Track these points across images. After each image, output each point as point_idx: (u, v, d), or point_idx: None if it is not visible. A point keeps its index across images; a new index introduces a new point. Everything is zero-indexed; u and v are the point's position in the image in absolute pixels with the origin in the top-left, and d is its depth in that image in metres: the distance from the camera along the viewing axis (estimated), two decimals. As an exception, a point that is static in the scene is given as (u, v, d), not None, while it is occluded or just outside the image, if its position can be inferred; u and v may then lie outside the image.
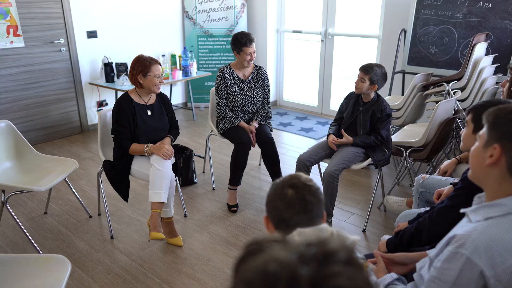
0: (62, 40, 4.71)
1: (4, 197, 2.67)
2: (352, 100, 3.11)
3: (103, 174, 2.95)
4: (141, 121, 2.83)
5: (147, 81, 2.79)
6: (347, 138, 2.99)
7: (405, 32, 4.45)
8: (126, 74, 4.77)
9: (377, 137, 2.96)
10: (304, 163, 3.00)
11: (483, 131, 1.23)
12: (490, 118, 1.22)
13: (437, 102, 3.44)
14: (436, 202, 2.19)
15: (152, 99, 2.94)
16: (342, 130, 3.07)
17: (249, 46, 3.29)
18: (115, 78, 4.91)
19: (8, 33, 4.29)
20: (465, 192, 1.76)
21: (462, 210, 1.31)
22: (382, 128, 2.96)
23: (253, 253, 0.60)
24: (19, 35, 4.38)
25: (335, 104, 5.72)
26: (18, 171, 2.91)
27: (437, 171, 2.72)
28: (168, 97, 3.08)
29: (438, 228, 1.77)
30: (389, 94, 4.57)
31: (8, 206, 2.67)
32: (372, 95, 3.01)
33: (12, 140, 2.97)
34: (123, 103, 2.81)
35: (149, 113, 2.89)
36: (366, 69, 2.91)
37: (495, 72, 3.84)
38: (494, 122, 1.20)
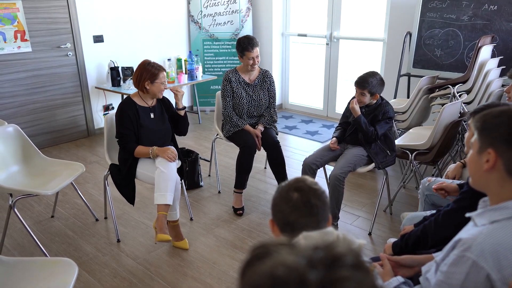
0: (68, 45, 4.75)
1: (12, 201, 2.69)
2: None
3: (110, 178, 2.97)
4: (144, 123, 2.85)
5: (154, 87, 2.82)
6: (356, 109, 2.96)
7: (410, 35, 4.45)
8: (132, 78, 4.80)
9: (374, 131, 2.95)
10: (310, 166, 3.00)
11: (474, 138, 1.24)
12: (478, 124, 1.23)
13: (442, 105, 3.43)
14: (434, 189, 2.19)
15: (153, 102, 2.97)
16: (353, 101, 3.01)
17: (251, 50, 3.28)
18: (121, 82, 4.94)
19: (16, 38, 4.34)
20: (471, 195, 1.76)
21: (467, 215, 1.31)
22: (379, 124, 2.95)
23: (260, 257, 0.60)
24: (26, 40, 4.42)
25: (340, 107, 5.72)
26: (25, 175, 2.93)
27: (444, 176, 2.72)
28: (168, 99, 3.10)
29: (444, 231, 1.77)
30: (395, 97, 4.56)
31: (15, 209, 2.70)
32: (367, 103, 3.01)
33: (20, 144, 3.00)
34: (126, 106, 2.83)
35: (152, 116, 2.91)
36: (362, 84, 2.92)
37: (501, 75, 3.82)
38: (483, 128, 1.21)
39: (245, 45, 3.27)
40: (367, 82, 2.90)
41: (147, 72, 2.79)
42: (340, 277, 0.54)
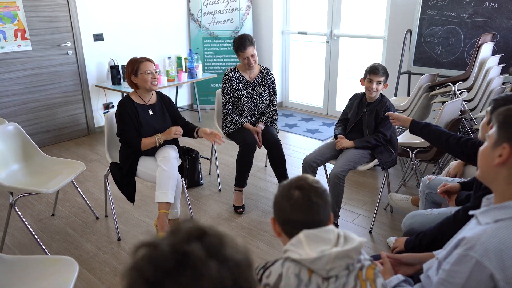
0: (69, 43, 4.75)
1: (12, 199, 2.69)
2: (357, 101, 3.11)
3: (110, 176, 2.97)
4: (144, 121, 2.85)
5: (139, 79, 2.81)
6: (347, 142, 2.99)
7: (411, 32, 4.44)
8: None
9: (379, 136, 2.95)
10: (310, 165, 2.99)
11: (493, 131, 1.23)
12: (500, 118, 1.22)
13: (443, 102, 3.43)
14: (439, 193, 2.21)
15: (153, 100, 2.95)
16: (341, 135, 3.06)
17: (243, 50, 3.27)
18: (121, 80, 4.93)
19: (16, 36, 4.33)
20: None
21: (470, 212, 1.31)
22: (384, 126, 2.95)
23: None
24: (26, 39, 4.42)
25: (340, 105, 5.71)
26: (26, 173, 2.93)
27: (443, 172, 2.72)
28: (169, 97, 3.10)
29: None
30: (395, 95, 4.56)
31: (16, 208, 2.70)
32: (378, 94, 3.00)
33: (20, 143, 2.99)
34: (125, 104, 2.83)
35: (150, 113, 2.90)
36: (381, 70, 2.89)
37: (502, 72, 3.82)
38: (504, 122, 1.20)
39: (237, 45, 3.28)
40: (384, 68, 2.90)
41: (129, 68, 2.82)
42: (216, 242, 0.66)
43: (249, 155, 3.30)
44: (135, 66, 2.79)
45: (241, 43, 3.27)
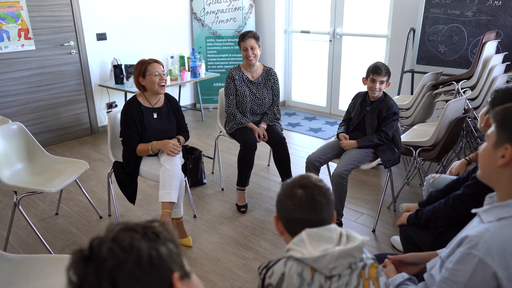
0: (72, 43, 4.76)
1: (16, 198, 2.70)
2: (360, 100, 3.10)
3: (113, 175, 2.97)
4: (148, 124, 2.85)
5: (147, 81, 2.80)
6: (350, 143, 2.99)
7: (414, 31, 4.42)
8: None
9: (381, 135, 2.94)
10: (313, 164, 2.99)
11: (492, 130, 1.22)
12: (498, 117, 1.20)
13: (446, 101, 3.41)
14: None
15: (160, 102, 2.95)
16: (344, 134, 3.07)
17: (243, 40, 3.31)
18: (125, 79, 4.94)
19: (20, 36, 4.35)
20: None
21: (473, 211, 1.31)
22: (386, 125, 2.94)
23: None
24: (30, 38, 4.43)
25: (343, 104, 5.70)
26: (29, 173, 2.94)
27: (447, 171, 2.71)
28: (177, 100, 3.08)
29: (453, 215, 1.86)
30: (398, 94, 4.54)
31: (20, 207, 2.71)
32: (381, 94, 3.00)
33: (24, 142, 3.01)
34: (131, 106, 2.83)
35: (155, 116, 2.90)
36: (384, 70, 2.88)
37: (506, 71, 3.80)
38: (503, 122, 1.18)
39: (239, 37, 3.35)
40: (386, 69, 2.90)
41: (137, 70, 2.81)
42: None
43: (250, 154, 3.30)
44: (143, 67, 2.79)
45: (243, 35, 3.33)
